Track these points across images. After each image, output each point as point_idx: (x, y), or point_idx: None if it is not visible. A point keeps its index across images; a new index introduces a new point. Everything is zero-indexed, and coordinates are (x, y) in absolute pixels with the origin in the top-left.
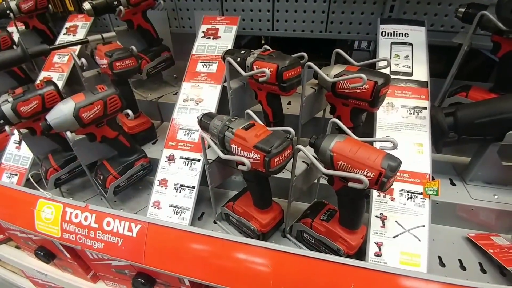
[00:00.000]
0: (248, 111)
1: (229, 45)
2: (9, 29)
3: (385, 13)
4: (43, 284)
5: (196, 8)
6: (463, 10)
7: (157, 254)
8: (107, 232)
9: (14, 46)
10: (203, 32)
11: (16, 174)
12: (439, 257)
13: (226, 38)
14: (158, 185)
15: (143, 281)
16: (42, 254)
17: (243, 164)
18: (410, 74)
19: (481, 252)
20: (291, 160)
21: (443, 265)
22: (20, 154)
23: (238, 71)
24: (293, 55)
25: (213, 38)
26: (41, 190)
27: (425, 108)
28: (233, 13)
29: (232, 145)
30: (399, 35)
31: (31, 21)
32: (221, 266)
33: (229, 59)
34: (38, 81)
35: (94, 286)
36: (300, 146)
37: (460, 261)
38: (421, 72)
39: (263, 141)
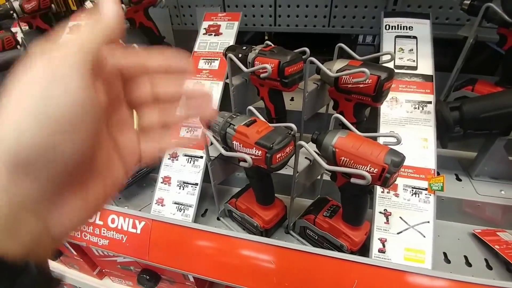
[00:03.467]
0: (250, 107)
1: (231, 42)
2: (13, 29)
3: (389, 6)
4: None
5: (197, 4)
6: (468, 2)
7: (161, 251)
8: (111, 229)
9: (18, 47)
10: (204, 29)
11: None
12: (444, 253)
13: (228, 34)
14: (161, 182)
15: (148, 277)
16: None
17: (244, 160)
18: (415, 68)
19: (487, 248)
20: (293, 156)
21: (448, 261)
22: None
23: (239, 67)
24: (295, 51)
25: (215, 35)
26: None
27: (430, 102)
28: (234, 9)
29: (234, 142)
30: (404, 29)
31: (35, 21)
32: (224, 262)
33: (231, 55)
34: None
35: (100, 283)
36: (302, 142)
37: (465, 257)
38: (426, 66)
39: (264, 138)
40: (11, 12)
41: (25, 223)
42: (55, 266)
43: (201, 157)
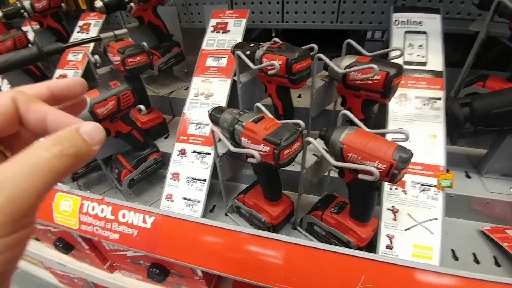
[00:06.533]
0: (258, 104)
1: (239, 39)
2: (24, 28)
3: (399, 1)
4: (62, 275)
5: (205, 2)
6: None
7: (170, 245)
8: (122, 223)
9: (30, 45)
10: (212, 26)
11: None
12: (453, 251)
13: (236, 31)
14: (170, 178)
15: (157, 271)
16: (61, 245)
17: (252, 156)
18: (425, 64)
19: (496, 245)
20: (301, 153)
21: (456, 258)
22: None
23: (247, 64)
24: (303, 47)
25: (222, 32)
26: (59, 184)
27: (439, 98)
28: (242, 6)
29: (242, 138)
30: (413, 24)
31: (45, 20)
32: (232, 257)
33: (238, 52)
34: (53, 79)
35: (111, 276)
36: (310, 139)
37: (474, 254)
38: (436, 62)
39: (272, 134)
40: (22, 11)
41: None
42: (66, 260)
43: (209, 153)
